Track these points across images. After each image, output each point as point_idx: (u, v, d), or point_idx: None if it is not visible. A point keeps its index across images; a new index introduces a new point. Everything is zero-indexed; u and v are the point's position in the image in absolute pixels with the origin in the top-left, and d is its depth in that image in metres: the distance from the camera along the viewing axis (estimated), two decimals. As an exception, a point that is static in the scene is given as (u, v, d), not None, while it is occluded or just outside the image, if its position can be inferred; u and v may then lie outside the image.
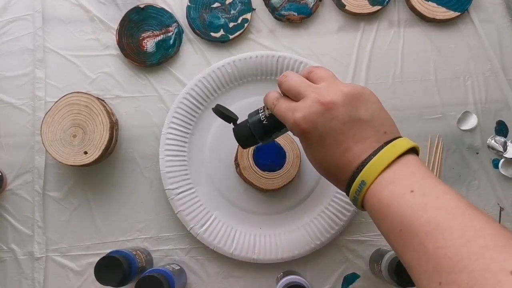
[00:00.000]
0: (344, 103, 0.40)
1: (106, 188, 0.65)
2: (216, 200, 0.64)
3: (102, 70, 0.66)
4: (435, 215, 0.34)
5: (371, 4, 0.65)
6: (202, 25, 0.65)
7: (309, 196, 0.64)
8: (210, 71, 0.63)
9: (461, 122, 0.65)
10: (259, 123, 0.48)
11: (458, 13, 0.65)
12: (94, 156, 0.59)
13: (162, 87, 0.66)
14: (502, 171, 0.64)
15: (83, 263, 0.64)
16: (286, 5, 0.65)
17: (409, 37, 0.66)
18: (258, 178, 0.62)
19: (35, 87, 0.66)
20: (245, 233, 0.63)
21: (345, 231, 0.63)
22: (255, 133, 0.48)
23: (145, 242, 0.64)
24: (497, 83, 0.65)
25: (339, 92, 0.41)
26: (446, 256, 0.32)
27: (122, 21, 0.65)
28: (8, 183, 0.65)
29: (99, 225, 0.64)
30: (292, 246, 0.62)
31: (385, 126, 0.41)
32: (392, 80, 0.66)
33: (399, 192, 0.37)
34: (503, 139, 0.64)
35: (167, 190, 0.62)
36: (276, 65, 0.63)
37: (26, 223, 0.64)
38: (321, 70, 0.44)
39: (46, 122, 0.60)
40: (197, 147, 0.64)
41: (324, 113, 0.40)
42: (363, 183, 0.39)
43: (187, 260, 0.64)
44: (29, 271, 0.63)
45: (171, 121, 0.63)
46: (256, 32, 0.66)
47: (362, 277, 0.63)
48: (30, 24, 0.66)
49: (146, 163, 0.65)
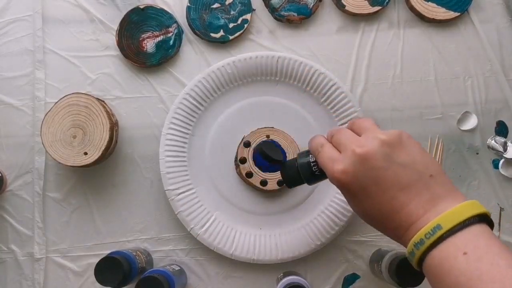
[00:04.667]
0: (382, 151, 0.40)
1: (106, 188, 0.65)
2: (216, 201, 0.64)
3: (102, 71, 0.66)
4: (491, 286, 0.33)
5: (371, 5, 0.65)
6: (202, 25, 0.65)
7: (309, 196, 0.64)
8: (210, 71, 0.63)
9: (461, 122, 0.65)
10: (308, 166, 0.48)
11: (458, 13, 0.65)
12: (94, 157, 0.59)
13: (162, 88, 0.66)
14: (502, 171, 0.64)
15: (83, 264, 0.64)
16: (286, 5, 0.65)
17: (409, 37, 0.66)
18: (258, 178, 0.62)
19: (35, 88, 0.66)
20: (245, 233, 0.63)
21: (345, 231, 0.63)
22: (302, 175, 0.49)
23: (145, 242, 0.64)
24: (497, 83, 0.65)
25: (376, 140, 0.40)
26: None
27: (122, 21, 0.65)
28: (8, 184, 0.65)
29: (99, 226, 0.64)
30: (292, 246, 0.62)
31: (429, 169, 0.40)
32: (392, 81, 0.66)
33: (452, 253, 0.36)
34: (503, 139, 0.64)
35: (167, 191, 0.62)
36: (276, 65, 0.63)
37: (26, 224, 0.64)
38: (361, 121, 0.44)
39: (46, 123, 0.60)
40: (197, 148, 0.64)
41: (362, 163, 0.40)
42: (424, 240, 0.37)
43: (187, 261, 0.64)
44: (29, 272, 0.63)
45: (171, 122, 0.63)
46: (256, 33, 0.66)
47: (363, 277, 0.63)
48: (30, 25, 0.66)
49: (146, 163, 0.65)
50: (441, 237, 0.36)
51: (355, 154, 0.40)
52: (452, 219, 0.37)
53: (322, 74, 0.63)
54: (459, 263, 0.35)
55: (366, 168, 0.40)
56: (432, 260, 0.37)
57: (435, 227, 0.37)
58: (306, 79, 0.64)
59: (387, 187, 0.40)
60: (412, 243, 0.38)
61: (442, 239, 0.36)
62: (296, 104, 0.64)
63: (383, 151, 0.40)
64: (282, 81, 0.64)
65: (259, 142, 0.51)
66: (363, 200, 0.41)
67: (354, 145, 0.41)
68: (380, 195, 0.40)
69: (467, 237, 0.36)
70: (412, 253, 0.38)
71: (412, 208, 0.39)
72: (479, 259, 0.34)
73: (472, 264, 0.34)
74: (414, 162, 0.40)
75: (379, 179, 0.40)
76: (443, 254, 0.36)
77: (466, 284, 0.34)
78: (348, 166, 0.40)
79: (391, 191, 0.39)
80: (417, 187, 0.39)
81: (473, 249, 0.35)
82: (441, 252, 0.36)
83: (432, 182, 0.40)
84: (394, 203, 0.40)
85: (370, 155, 0.40)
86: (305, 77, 0.64)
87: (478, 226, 0.37)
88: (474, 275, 0.34)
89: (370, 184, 0.40)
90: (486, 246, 0.35)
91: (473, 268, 0.34)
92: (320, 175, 0.48)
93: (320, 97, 0.64)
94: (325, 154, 0.44)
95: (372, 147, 0.40)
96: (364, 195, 0.41)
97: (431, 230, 0.37)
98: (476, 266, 0.34)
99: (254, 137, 0.62)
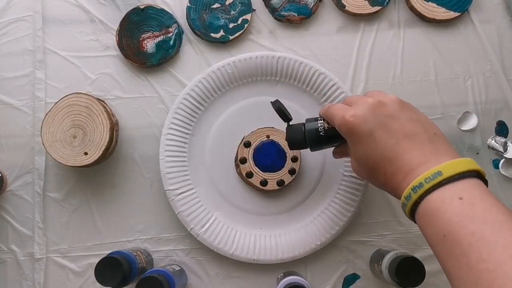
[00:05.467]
0: (394, 103, 0.44)
1: (106, 189, 0.65)
2: (216, 201, 0.64)
3: (102, 71, 0.66)
4: (482, 227, 0.34)
5: (371, 5, 0.65)
6: (202, 25, 0.65)
7: (309, 196, 0.64)
8: (210, 71, 0.63)
9: (461, 122, 0.65)
10: (316, 132, 0.50)
11: (458, 13, 0.65)
12: (94, 157, 0.59)
13: (162, 88, 0.66)
14: (502, 171, 0.64)
15: (83, 264, 0.64)
16: (286, 5, 0.65)
17: (409, 37, 0.66)
18: (258, 178, 0.62)
19: (35, 88, 0.66)
20: (246, 233, 0.63)
21: (345, 231, 0.63)
22: (308, 140, 0.50)
23: (145, 242, 0.64)
24: (497, 83, 0.65)
25: (389, 96, 0.45)
26: (487, 270, 0.32)
27: (122, 22, 0.65)
28: (8, 184, 0.65)
29: (99, 226, 0.64)
30: (293, 246, 0.62)
31: (434, 128, 0.44)
32: (392, 81, 0.66)
33: (448, 197, 0.37)
34: (504, 139, 0.64)
35: (167, 191, 0.62)
36: (276, 65, 0.63)
37: (26, 224, 0.64)
38: (372, 91, 0.49)
39: (46, 123, 0.60)
40: (197, 148, 0.64)
41: (373, 110, 0.44)
42: (423, 184, 0.39)
43: (187, 261, 0.64)
44: (29, 272, 0.63)
45: (171, 122, 0.63)
46: (256, 33, 0.67)
47: (363, 277, 0.63)
48: (30, 25, 0.66)
49: (146, 164, 0.65)
50: (440, 183, 0.38)
51: (367, 102, 0.44)
52: (452, 168, 0.38)
53: (322, 74, 0.63)
54: (453, 206, 0.36)
55: (376, 114, 0.43)
56: (428, 204, 0.38)
57: (436, 173, 0.38)
58: (306, 79, 0.64)
59: (393, 132, 0.42)
60: (411, 187, 0.39)
61: (441, 184, 0.38)
62: (296, 104, 0.64)
63: (394, 104, 0.44)
64: (282, 81, 0.65)
65: (274, 101, 0.53)
66: (368, 144, 0.43)
67: (366, 98, 0.45)
68: (385, 139, 0.42)
69: (464, 186, 0.38)
70: (408, 197, 0.40)
71: (414, 155, 0.41)
72: (473, 204, 0.36)
73: (466, 207, 0.36)
74: (420, 119, 0.44)
75: (386, 125, 0.43)
76: (439, 198, 0.38)
77: (458, 224, 0.35)
78: (359, 111, 0.44)
79: (397, 137, 0.42)
80: (422, 138, 0.42)
81: (469, 196, 0.37)
82: (438, 197, 0.38)
83: (435, 139, 0.42)
84: (398, 148, 0.42)
85: (382, 103, 0.44)
86: (305, 77, 0.64)
87: (475, 180, 0.39)
88: (466, 217, 0.35)
89: (377, 128, 0.43)
90: (481, 195, 0.37)
91: (467, 211, 0.36)
92: (326, 140, 0.50)
93: (320, 97, 0.64)
94: (337, 106, 0.47)
95: (384, 98, 0.45)
96: (370, 139, 0.43)
97: (431, 175, 0.38)
98: (470, 209, 0.36)
99: (254, 137, 0.62)
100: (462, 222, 0.35)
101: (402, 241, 0.63)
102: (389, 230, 0.64)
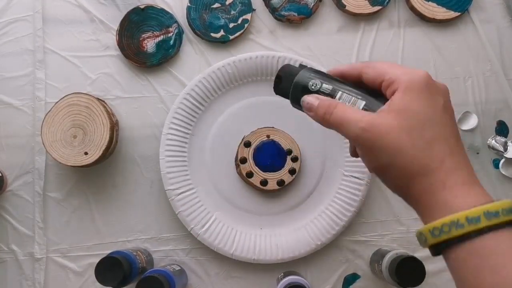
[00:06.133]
0: (446, 91, 0.36)
1: (106, 188, 0.65)
2: (216, 201, 0.64)
3: (102, 71, 0.66)
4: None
5: (371, 5, 0.65)
6: (202, 25, 0.65)
7: (309, 196, 0.64)
8: (210, 71, 0.63)
9: (461, 122, 0.65)
10: (304, 89, 0.40)
11: (458, 13, 0.65)
12: (94, 157, 0.59)
13: (162, 88, 0.66)
14: (502, 171, 0.64)
15: (83, 264, 0.64)
16: (286, 5, 0.65)
17: (409, 37, 0.66)
18: (258, 178, 0.62)
19: (35, 88, 0.66)
20: (246, 233, 0.63)
21: (345, 231, 0.63)
22: (291, 92, 0.41)
23: (145, 242, 0.64)
24: (497, 83, 0.65)
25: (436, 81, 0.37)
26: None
27: (122, 21, 0.65)
28: (9, 184, 0.65)
29: (99, 226, 0.64)
30: (293, 246, 0.62)
31: None
32: (392, 80, 0.66)
33: (502, 258, 0.30)
34: (504, 139, 0.64)
35: (167, 191, 0.62)
36: (277, 65, 0.63)
37: (26, 223, 0.64)
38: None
39: (47, 123, 0.60)
40: (197, 148, 0.64)
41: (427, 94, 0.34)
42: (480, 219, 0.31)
43: (187, 261, 0.64)
44: (29, 272, 0.63)
45: (171, 122, 0.63)
46: (256, 33, 0.66)
47: (363, 277, 0.63)
48: (30, 25, 0.66)
49: (146, 163, 0.65)
50: (496, 225, 0.30)
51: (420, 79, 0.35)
52: (507, 206, 0.31)
53: (322, 74, 0.63)
54: (508, 271, 0.30)
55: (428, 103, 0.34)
56: (499, 242, 0.30)
57: (498, 211, 0.30)
58: (306, 79, 0.64)
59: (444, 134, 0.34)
60: (483, 210, 0.30)
61: (497, 227, 0.30)
62: (296, 104, 0.64)
63: (446, 93, 0.36)
64: (282, 81, 0.64)
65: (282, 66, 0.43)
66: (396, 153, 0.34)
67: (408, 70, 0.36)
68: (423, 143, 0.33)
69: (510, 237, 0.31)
70: (475, 219, 0.31)
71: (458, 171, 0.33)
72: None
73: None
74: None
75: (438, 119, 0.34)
76: (490, 248, 0.30)
77: None
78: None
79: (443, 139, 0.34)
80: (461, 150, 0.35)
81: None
82: (496, 242, 0.30)
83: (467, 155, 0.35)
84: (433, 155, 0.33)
85: (433, 85, 0.35)
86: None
87: None
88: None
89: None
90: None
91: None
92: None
93: (320, 97, 0.64)
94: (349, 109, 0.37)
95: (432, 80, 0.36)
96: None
97: (509, 208, 0.31)
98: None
99: (254, 137, 0.62)
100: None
101: (402, 241, 0.63)
102: (389, 230, 0.64)
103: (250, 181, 0.62)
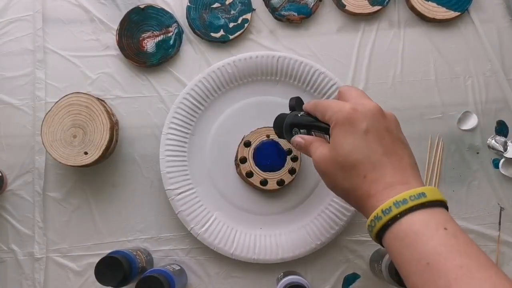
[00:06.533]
0: (394, 120, 0.45)
1: (106, 188, 0.65)
2: (216, 200, 0.64)
3: (102, 71, 0.66)
4: (467, 262, 0.34)
5: (371, 4, 0.65)
6: (202, 25, 0.65)
7: (309, 196, 0.64)
8: (210, 71, 0.63)
9: (461, 122, 0.65)
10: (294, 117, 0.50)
11: (458, 13, 0.65)
12: (94, 157, 0.59)
13: (162, 88, 0.66)
14: (502, 171, 0.64)
15: (83, 264, 0.64)
16: (286, 5, 0.65)
17: (409, 37, 0.66)
18: (258, 178, 0.62)
19: (35, 88, 0.66)
20: (246, 233, 0.63)
21: (345, 231, 0.63)
22: (285, 124, 0.51)
23: (145, 242, 0.64)
24: (497, 83, 0.65)
25: (386, 111, 0.45)
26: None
27: (122, 21, 0.65)
28: (9, 184, 0.65)
29: (99, 226, 0.64)
30: (293, 246, 0.62)
31: (414, 159, 0.43)
32: (392, 80, 0.66)
33: (434, 224, 0.37)
34: (504, 139, 0.64)
35: (167, 191, 0.62)
36: (276, 65, 0.63)
37: (26, 223, 0.64)
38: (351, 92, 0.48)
39: (46, 123, 0.60)
40: (197, 148, 0.64)
41: (375, 115, 0.43)
42: (407, 201, 0.38)
43: (187, 261, 0.64)
44: (29, 272, 0.63)
45: (171, 122, 0.63)
46: (256, 32, 0.66)
47: (363, 277, 0.63)
48: (30, 24, 0.66)
49: (146, 163, 0.65)
50: (423, 204, 0.37)
51: (370, 105, 0.43)
52: (434, 193, 0.38)
53: (323, 74, 0.63)
54: (439, 235, 0.36)
55: (375, 119, 0.42)
56: (410, 225, 0.37)
57: (420, 193, 0.38)
58: (307, 79, 0.64)
59: (384, 144, 0.42)
60: (393, 200, 0.38)
61: (424, 206, 0.37)
62: (296, 104, 0.64)
63: (393, 121, 0.44)
64: (282, 81, 0.65)
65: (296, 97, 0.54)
66: (359, 140, 0.42)
67: (367, 100, 0.45)
68: (376, 145, 0.42)
69: (444, 215, 0.38)
70: (387, 210, 0.38)
71: (398, 172, 0.41)
72: (456, 236, 0.36)
73: (452, 239, 0.36)
74: (408, 146, 0.44)
75: (380, 134, 0.42)
76: (423, 222, 0.37)
77: (446, 255, 0.35)
78: (360, 108, 0.43)
79: (386, 149, 0.42)
80: (406, 162, 0.42)
81: (451, 227, 0.37)
82: (421, 220, 0.37)
83: (415, 168, 0.42)
84: (384, 159, 0.41)
85: (383, 114, 0.43)
86: (305, 77, 0.64)
87: (446, 211, 0.39)
88: (453, 248, 0.35)
89: (373, 131, 0.42)
90: (459, 228, 0.37)
91: (453, 242, 0.36)
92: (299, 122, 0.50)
93: (321, 97, 0.64)
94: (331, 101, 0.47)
95: (383, 110, 0.44)
96: (363, 136, 0.42)
97: (416, 194, 0.38)
98: (455, 241, 0.36)
99: (254, 137, 0.62)
100: (450, 253, 0.35)
101: (402, 241, 0.63)
102: (389, 230, 0.64)
103: (250, 181, 0.62)
